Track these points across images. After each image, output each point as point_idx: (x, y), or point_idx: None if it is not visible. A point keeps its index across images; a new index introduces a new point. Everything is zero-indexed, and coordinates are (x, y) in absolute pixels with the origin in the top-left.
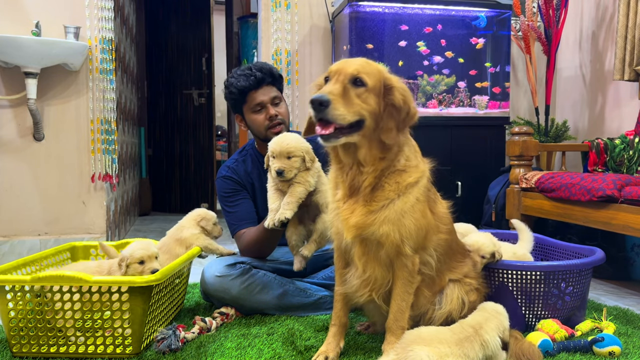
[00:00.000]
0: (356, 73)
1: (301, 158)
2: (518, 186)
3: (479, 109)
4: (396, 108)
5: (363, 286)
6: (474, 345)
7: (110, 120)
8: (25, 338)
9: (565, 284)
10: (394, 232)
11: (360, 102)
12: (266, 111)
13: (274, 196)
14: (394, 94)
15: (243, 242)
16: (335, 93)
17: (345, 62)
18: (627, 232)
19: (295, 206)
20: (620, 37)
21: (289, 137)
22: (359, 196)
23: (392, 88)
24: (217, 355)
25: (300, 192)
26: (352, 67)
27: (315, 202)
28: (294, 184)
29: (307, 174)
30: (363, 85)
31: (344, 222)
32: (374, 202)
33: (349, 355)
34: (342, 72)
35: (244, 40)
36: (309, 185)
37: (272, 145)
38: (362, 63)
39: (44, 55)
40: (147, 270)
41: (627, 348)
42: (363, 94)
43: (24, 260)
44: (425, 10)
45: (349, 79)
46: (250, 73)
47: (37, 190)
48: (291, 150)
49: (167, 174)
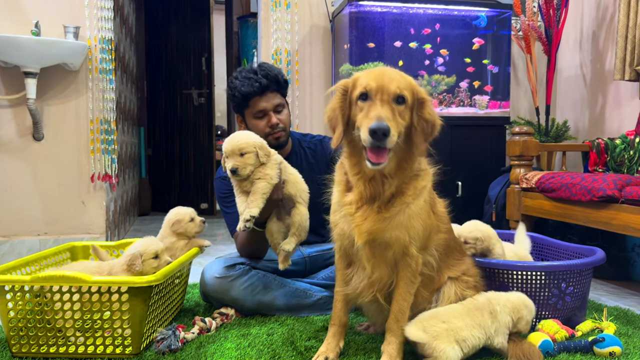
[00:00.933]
0: (399, 91)
1: (254, 154)
2: (518, 186)
3: (479, 108)
4: (427, 122)
5: (368, 287)
6: (483, 313)
7: (110, 120)
8: (25, 338)
9: (566, 284)
10: (404, 235)
11: (400, 120)
12: (268, 118)
13: (240, 199)
14: (425, 109)
15: (238, 244)
16: (390, 118)
17: (383, 78)
18: (627, 232)
19: (260, 202)
20: (621, 37)
21: (239, 135)
22: (374, 204)
23: (425, 102)
24: (217, 355)
25: (263, 187)
26: (394, 85)
27: (287, 194)
28: (254, 181)
29: (265, 167)
30: (404, 102)
31: (357, 228)
32: (391, 208)
33: (348, 356)
34: (385, 90)
35: (244, 40)
36: (270, 178)
37: (224, 145)
38: (399, 79)
39: (43, 55)
40: (163, 264)
41: (627, 348)
42: (403, 111)
43: (23, 260)
44: (425, 10)
45: (392, 98)
46: (256, 79)
47: (36, 191)
48: (242, 146)
49: (167, 174)
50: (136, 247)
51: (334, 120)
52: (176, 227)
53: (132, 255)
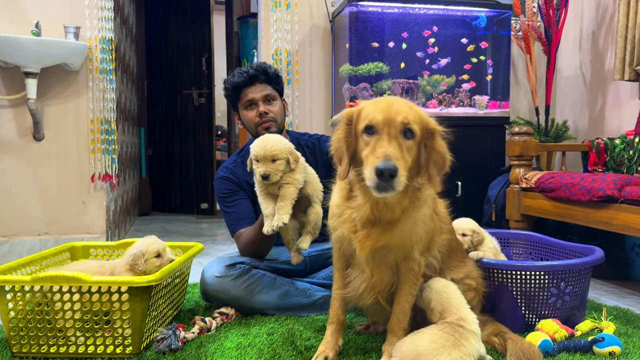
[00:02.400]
0: (406, 122)
1: (285, 160)
2: (518, 186)
3: (479, 109)
4: (438, 153)
5: (369, 289)
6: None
7: (110, 120)
8: (25, 338)
9: (565, 283)
10: (406, 241)
11: (408, 155)
12: (257, 108)
13: (266, 201)
14: (436, 140)
15: (241, 243)
16: (399, 157)
17: (389, 110)
18: (627, 232)
19: (289, 208)
20: (620, 37)
21: (271, 140)
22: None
23: (434, 133)
24: (217, 355)
25: (292, 192)
26: (400, 116)
27: (305, 194)
28: (283, 185)
29: (294, 172)
30: (412, 136)
31: (359, 243)
32: (395, 222)
33: (348, 355)
34: (392, 124)
35: (244, 40)
36: (299, 183)
37: (255, 148)
38: (407, 110)
39: (43, 55)
40: (166, 262)
41: (627, 348)
42: (411, 146)
43: (24, 260)
44: (425, 10)
45: (400, 131)
46: (245, 70)
47: (37, 190)
48: (275, 153)
49: (167, 174)
50: (138, 247)
51: (340, 153)
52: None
53: (134, 255)
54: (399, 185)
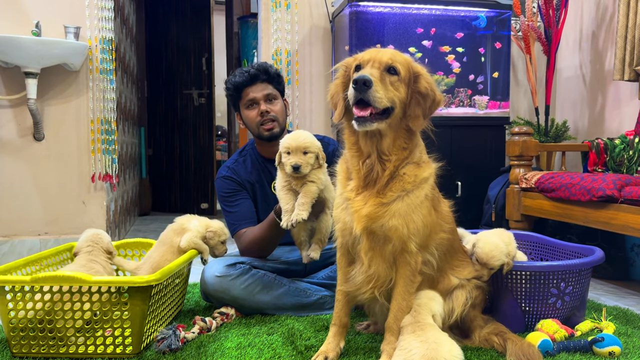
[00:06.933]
0: (390, 62)
1: (315, 155)
2: (518, 186)
3: (479, 109)
4: (422, 95)
5: (366, 282)
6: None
7: (110, 120)
8: (25, 338)
9: (565, 283)
10: (402, 227)
11: (393, 90)
12: (258, 107)
13: (287, 196)
14: (420, 82)
15: (244, 242)
16: (376, 76)
17: (377, 52)
18: (627, 232)
19: (309, 206)
20: (620, 37)
21: (304, 134)
22: (374, 188)
23: (419, 76)
24: (217, 355)
25: (314, 191)
26: (386, 56)
27: (322, 198)
28: (307, 182)
29: (319, 171)
30: (396, 73)
31: (355, 213)
32: (389, 193)
33: (349, 355)
34: (377, 60)
35: (244, 40)
36: (321, 183)
37: (288, 140)
38: (393, 52)
39: (44, 55)
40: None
41: (627, 348)
42: (395, 82)
43: (24, 261)
44: (425, 11)
45: (384, 67)
46: (246, 70)
47: (37, 190)
48: (307, 145)
49: (167, 173)
50: (219, 225)
51: (336, 97)
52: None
53: (214, 231)
54: (373, 98)
